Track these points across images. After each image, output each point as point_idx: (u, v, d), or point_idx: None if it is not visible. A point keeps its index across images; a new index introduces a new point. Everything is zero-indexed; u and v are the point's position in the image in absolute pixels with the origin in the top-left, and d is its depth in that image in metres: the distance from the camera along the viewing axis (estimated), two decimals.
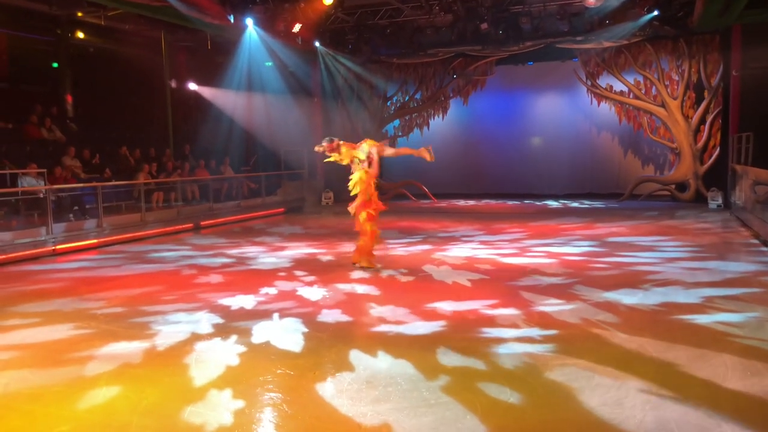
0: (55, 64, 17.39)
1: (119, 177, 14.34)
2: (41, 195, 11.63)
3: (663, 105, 17.82)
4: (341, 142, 8.85)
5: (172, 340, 5.78)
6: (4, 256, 10.24)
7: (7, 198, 11.82)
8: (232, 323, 6.30)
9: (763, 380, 4.57)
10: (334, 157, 8.85)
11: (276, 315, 6.59)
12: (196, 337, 5.85)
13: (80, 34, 17.25)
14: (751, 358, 5.06)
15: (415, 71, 20.79)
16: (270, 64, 19.00)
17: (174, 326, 6.24)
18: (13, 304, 7.41)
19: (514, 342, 5.49)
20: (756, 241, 10.79)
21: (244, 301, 7.23)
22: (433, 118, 21.19)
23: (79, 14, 16.15)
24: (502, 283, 8.00)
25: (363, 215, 8.83)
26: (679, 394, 4.33)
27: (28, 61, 17.18)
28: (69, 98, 17.07)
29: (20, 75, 16.90)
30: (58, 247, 11.24)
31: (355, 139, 20.37)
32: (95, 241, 12.04)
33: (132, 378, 4.87)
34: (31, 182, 12.04)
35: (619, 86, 18.55)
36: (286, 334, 5.91)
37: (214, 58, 19.26)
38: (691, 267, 8.69)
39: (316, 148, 8.88)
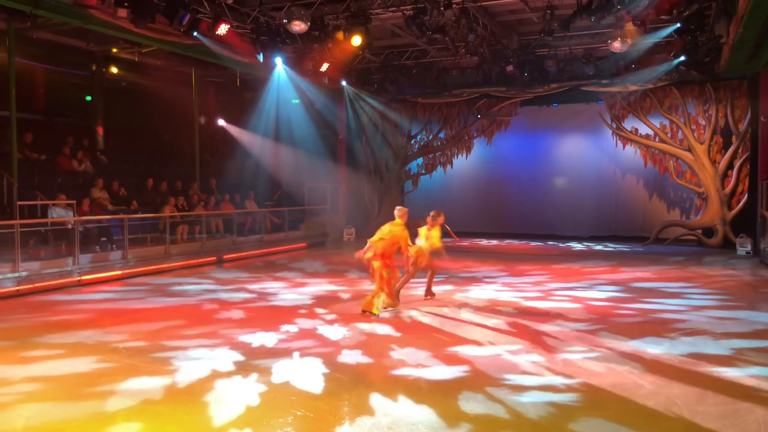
0: (89, 98, 17.88)
1: (145, 209, 14.55)
2: (69, 226, 11.83)
3: (689, 149, 17.68)
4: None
5: (192, 376, 5.78)
6: (30, 286, 10.39)
7: (37, 228, 12.05)
8: (253, 361, 6.29)
9: None
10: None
11: (296, 354, 6.56)
12: (216, 375, 5.84)
13: (114, 69, 17.75)
14: None
15: (440, 111, 20.98)
16: (297, 101, 19.33)
17: (195, 362, 6.24)
18: (38, 334, 7.49)
19: (538, 390, 5.39)
20: None
21: (265, 339, 7.21)
22: (457, 157, 21.26)
23: (114, 50, 16.64)
24: (525, 327, 7.89)
25: (378, 263, 8.68)
26: None
27: (63, 94, 17.71)
28: (100, 131, 17.48)
29: (55, 108, 17.41)
30: (84, 277, 11.39)
31: (377, 175, 20.53)
32: (120, 272, 12.19)
33: (152, 415, 4.87)
34: (60, 213, 12.27)
35: (644, 129, 18.47)
36: (306, 374, 5.87)
37: (242, 94, 19.66)
38: (719, 316, 8.50)
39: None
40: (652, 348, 6.78)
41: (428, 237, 9.71)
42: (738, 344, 6.95)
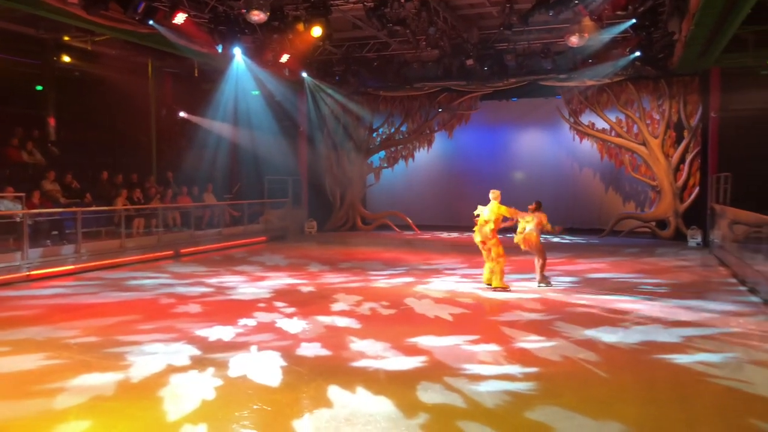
0: (40, 87, 17.31)
1: (100, 202, 14.18)
2: (18, 219, 11.44)
3: (644, 143, 18.10)
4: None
5: (147, 371, 5.66)
6: None
7: None
8: (210, 355, 6.19)
9: (742, 422, 4.56)
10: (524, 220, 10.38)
11: (254, 347, 6.49)
12: (171, 369, 5.73)
13: (66, 58, 17.20)
14: (729, 399, 5.06)
15: (401, 104, 20.99)
16: (257, 93, 19.08)
17: (149, 357, 6.11)
18: None
19: (495, 379, 5.44)
20: (734, 280, 10.89)
21: (222, 333, 7.11)
22: (419, 151, 21.33)
23: (66, 38, 16.14)
24: (483, 317, 7.98)
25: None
26: None
27: (12, 83, 17.05)
28: (52, 122, 16.95)
29: (3, 97, 16.76)
30: (33, 272, 11.02)
31: (339, 168, 20.48)
32: (72, 267, 11.85)
33: (104, 411, 4.75)
34: (8, 206, 11.84)
35: (601, 124, 18.83)
36: (264, 367, 5.81)
37: (200, 85, 19.30)
38: (670, 305, 8.72)
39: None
40: (607, 337, 6.92)
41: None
42: (688, 332, 7.15)
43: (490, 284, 9.96)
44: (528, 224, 10.30)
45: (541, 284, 10.31)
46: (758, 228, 10.43)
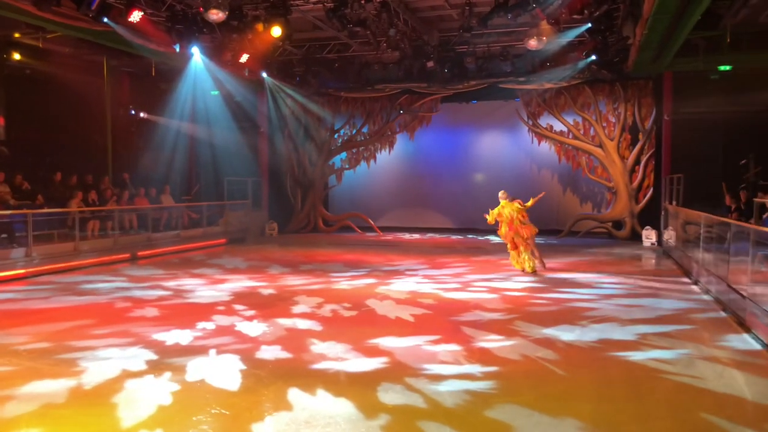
0: None
1: (52, 204, 13.77)
2: None
3: (600, 145, 18.49)
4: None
5: (100, 377, 5.52)
6: None
7: None
8: (166, 360, 6.07)
9: (692, 416, 4.68)
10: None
11: (213, 351, 6.39)
12: (127, 375, 5.60)
13: (16, 56, 16.65)
14: (681, 394, 5.19)
15: (363, 105, 20.97)
16: (216, 93, 18.82)
17: (104, 363, 5.96)
18: None
19: (456, 379, 5.48)
20: (687, 279, 11.21)
21: (180, 337, 6.98)
22: (380, 152, 21.33)
23: (16, 35, 15.63)
24: (444, 318, 8.01)
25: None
26: None
27: None
28: (1, 121, 16.39)
29: None
30: None
31: (300, 169, 20.37)
32: (23, 271, 11.48)
33: (54, 419, 4.61)
34: None
35: (559, 126, 19.16)
36: (222, 371, 5.72)
37: (158, 85, 18.93)
38: (626, 304, 8.92)
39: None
40: (565, 335, 7.04)
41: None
42: (643, 330, 7.32)
43: (530, 270, 11.67)
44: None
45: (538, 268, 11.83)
46: (709, 228, 10.77)
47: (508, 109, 19.92)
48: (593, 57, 15.66)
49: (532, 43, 13.99)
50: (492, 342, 6.74)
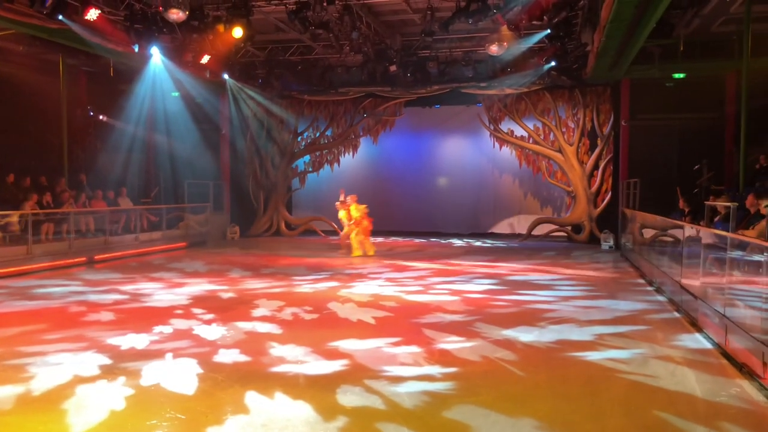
0: None
1: (5, 207, 13.34)
2: None
3: (560, 150, 18.81)
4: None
5: (50, 383, 5.36)
6: None
7: None
8: (121, 364, 5.93)
9: (646, 414, 4.78)
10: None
11: (169, 355, 6.27)
12: (78, 380, 5.45)
13: None
14: (635, 392, 5.30)
15: (326, 108, 20.91)
16: (176, 94, 18.52)
17: (54, 368, 5.79)
18: None
19: (415, 380, 5.48)
20: (642, 281, 11.47)
21: (136, 341, 6.83)
22: (344, 156, 21.31)
23: None
24: (405, 320, 8.03)
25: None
26: (569, 430, 4.45)
27: None
28: None
29: None
30: None
31: (263, 172, 20.19)
32: None
33: (1, 426, 4.44)
34: None
35: (519, 131, 19.43)
36: (179, 375, 5.62)
37: (116, 85, 18.52)
38: (584, 305, 9.08)
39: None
40: (524, 336, 7.12)
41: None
42: (600, 330, 7.45)
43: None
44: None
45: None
46: (663, 231, 11.04)
47: (470, 114, 20.12)
48: (553, 63, 15.95)
49: (493, 49, 14.18)
50: (452, 343, 6.77)
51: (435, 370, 5.80)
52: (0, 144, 16.58)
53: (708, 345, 6.84)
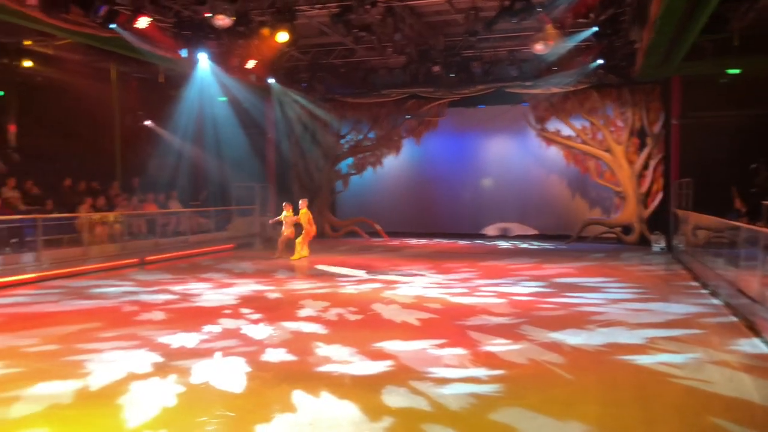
0: (0, 93, 16.88)
1: (62, 210, 13.86)
2: None
3: (608, 150, 18.42)
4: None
5: (106, 379, 5.54)
6: None
7: None
8: (172, 362, 6.08)
9: (701, 420, 4.64)
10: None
11: (218, 354, 6.39)
12: (132, 377, 5.61)
13: (27, 63, 16.81)
14: (690, 398, 5.14)
15: (369, 110, 20.99)
16: (224, 99, 18.90)
17: (110, 365, 5.98)
18: None
19: (461, 382, 5.45)
20: (696, 284, 11.11)
21: (186, 340, 6.99)
22: (387, 157, 21.36)
23: (27, 43, 15.78)
24: (450, 322, 7.98)
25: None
26: None
27: None
28: (12, 128, 16.54)
29: None
30: None
31: (307, 174, 20.40)
32: (33, 275, 11.56)
33: (60, 420, 4.63)
34: None
35: (566, 131, 19.12)
36: (227, 373, 5.72)
37: (166, 91, 19.02)
38: (634, 308, 8.85)
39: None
40: (572, 339, 6.99)
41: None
42: (651, 334, 7.26)
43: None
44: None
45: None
46: (718, 232, 10.69)
47: (516, 114, 19.90)
48: (600, 61, 15.62)
49: (539, 47, 13.97)
50: (498, 346, 6.70)
51: (481, 372, 5.75)
52: (57, 149, 17.26)
53: (767, 350, 6.59)
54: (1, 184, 13.43)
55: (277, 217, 15.69)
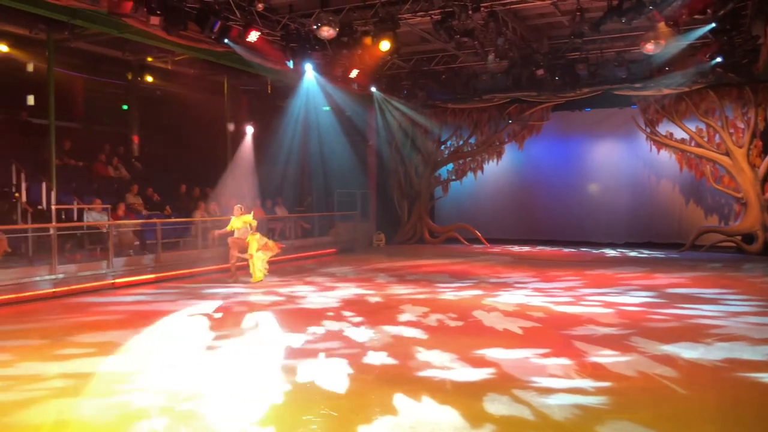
0: (125, 106, 18.29)
1: (178, 214, 14.78)
2: (104, 230, 12.08)
3: (727, 153, 17.24)
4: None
5: (215, 375, 5.83)
6: (66, 288, 10.63)
7: (73, 232, 12.34)
8: (278, 361, 6.31)
9: None
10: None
11: (322, 355, 6.57)
12: (240, 373, 5.87)
13: (149, 78, 18.11)
14: None
15: (470, 116, 20.86)
16: (327, 108, 19.47)
17: (221, 359, 6.29)
18: (71, 334, 7.65)
19: (565, 393, 5.29)
20: None
21: (292, 340, 7.24)
22: (488, 163, 21.10)
23: (149, 59, 17.00)
24: (554, 331, 7.76)
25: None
26: None
27: (101, 102, 18.14)
28: (135, 138, 17.86)
29: (92, 116, 17.85)
30: (117, 280, 11.61)
31: (407, 181, 20.58)
32: (153, 276, 12.39)
33: (175, 411, 4.91)
34: (95, 217, 12.55)
35: (680, 134, 18.10)
36: (331, 374, 5.87)
37: (273, 101, 19.87)
38: (758, 322, 8.22)
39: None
40: (686, 353, 6.60)
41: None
42: None
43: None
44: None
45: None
46: None
47: (624, 117, 19.09)
48: (718, 59, 14.66)
49: (649, 47, 13.31)
50: (606, 357, 6.44)
51: (587, 383, 5.55)
52: (174, 158, 18.46)
53: None
54: (125, 191, 14.52)
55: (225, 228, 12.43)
